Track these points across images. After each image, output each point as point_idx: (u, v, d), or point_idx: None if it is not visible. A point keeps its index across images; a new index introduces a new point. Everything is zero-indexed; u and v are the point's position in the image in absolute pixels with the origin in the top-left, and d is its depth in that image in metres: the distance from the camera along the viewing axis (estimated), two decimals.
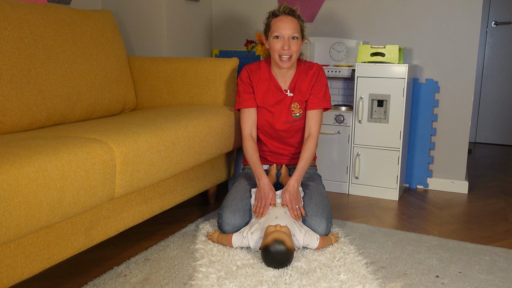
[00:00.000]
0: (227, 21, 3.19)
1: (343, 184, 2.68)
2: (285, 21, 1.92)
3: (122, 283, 1.53)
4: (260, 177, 1.91)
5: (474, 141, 4.59)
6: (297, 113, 2.06)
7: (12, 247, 1.26)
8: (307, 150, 2.00)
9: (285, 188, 1.89)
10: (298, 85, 2.06)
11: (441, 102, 2.73)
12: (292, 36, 1.93)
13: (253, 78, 2.07)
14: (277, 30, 1.93)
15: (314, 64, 2.09)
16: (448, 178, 2.77)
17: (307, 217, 1.85)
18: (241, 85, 2.08)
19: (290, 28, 1.92)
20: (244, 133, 2.05)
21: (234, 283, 1.50)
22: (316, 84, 2.05)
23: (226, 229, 1.85)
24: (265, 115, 2.08)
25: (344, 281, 1.53)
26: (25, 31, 1.86)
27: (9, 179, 1.13)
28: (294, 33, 1.93)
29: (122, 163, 1.51)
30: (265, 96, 2.06)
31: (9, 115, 1.76)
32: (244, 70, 2.10)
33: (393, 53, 2.50)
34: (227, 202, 1.90)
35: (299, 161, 1.98)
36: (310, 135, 2.04)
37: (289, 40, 1.93)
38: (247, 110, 2.06)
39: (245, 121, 2.06)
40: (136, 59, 2.51)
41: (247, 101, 2.06)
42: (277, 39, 1.93)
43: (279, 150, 2.12)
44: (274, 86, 2.06)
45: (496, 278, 1.62)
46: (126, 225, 1.69)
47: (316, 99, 2.05)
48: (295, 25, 1.94)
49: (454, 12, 2.63)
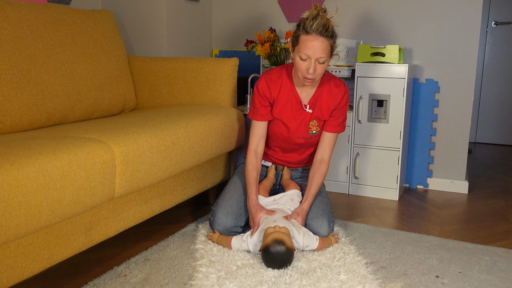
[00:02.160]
0: (227, 21, 3.19)
1: (343, 184, 2.68)
2: (315, 43, 1.73)
3: (122, 283, 1.53)
4: (249, 197, 1.87)
5: (474, 141, 4.59)
6: (314, 131, 1.98)
7: (12, 247, 1.25)
8: (320, 176, 1.92)
9: (299, 211, 1.81)
10: (319, 102, 1.94)
11: (441, 102, 2.73)
12: (320, 61, 1.76)
13: (272, 88, 1.94)
14: (304, 51, 1.75)
15: (341, 83, 1.96)
16: (448, 178, 2.77)
17: (308, 219, 1.84)
18: (257, 96, 1.94)
19: (320, 52, 1.74)
20: (250, 148, 1.97)
21: (234, 283, 1.50)
22: (340, 109, 1.95)
23: (217, 229, 1.85)
24: (280, 128, 1.98)
25: (344, 281, 1.53)
26: (25, 31, 1.87)
27: (9, 179, 1.13)
28: (323, 57, 1.75)
29: (122, 163, 1.51)
30: (283, 109, 1.95)
31: (9, 115, 1.76)
32: (263, 79, 1.95)
33: (393, 53, 2.50)
34: (222, 202, 1.90)
35: (311, 185, 1.89)
36: (323, 160, 1.96)
37: (316, 63, 1.76)
38: (258, 124, 1.96)
39: (254, 135, 1.96)
40: (136, 59, 2.51)
41: (262, 115, 1.95)
42: (303, 60, 1.77)
43: (286, 159, 2.09)
44: (295, 98, 1.94)
45: (496, 278, 1.62)
46: (126, 225, 1.69)
47: (335, 123, 1.96)
48: (326, 47, 1.75)
49: (454, 12, 2.63)
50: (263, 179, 2.09)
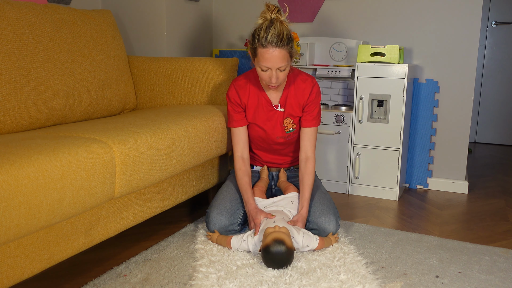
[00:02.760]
0: (227, 21, 3.19)
1: (343, 184, 2.68)
2: (273, 55, 1.74)
3: (122, 283, 1.53)
4: (246, 202, 1.88)
5: (474, 141, 4.59)
6: (290, 128, 2.00)
7: (12, 247, 1.25)
8: (310, 176, 1.92)
9: (298, 218, 1.81)
10: (289, 99, 1.96)
11: (441, 102, 2.73)
12: (280, 69, 1.78)
13: (242, 94, 1.97)
14: (264, 64, 1.76)
15: (308, 77, 1.97)
16: (448, 178, 2.77)
17: (315, 217, 1.85)
18: (229, 104, 1.99)
19: (279, 62, 1.75)
20: (235, 155, 2.00)
21: (234, 283, 1.50)
22: (311, 103, 1.96)
23: (212, 228, 1.86)
24: (257, 132, 2.02)
25: (344, 281, 1.53)
26: (25, 31, 1.86)
27: (9, 179, 1.13)
28: (282, 65, 1.77)
29: (122, 163, 1.51)
30: (255, 112, 1.98)
31: (9, 115, 1.76)
32: (231, 87, 1.99)
33: (393, 53, 2.50)
34: (216, 202, 1.92)
35: (303, 189, 1.89)
36: (308, 158, 1.96)
37: (277, 72, 1.79)
38: (237, 130, 1.99)
39: (236, 142, 2.00)
40: (136, 59, 2.51)
41: (237, 121, 1.98)
42: (264, 71, 1.80)
43: (273, 160, 2.11)
44: (265, 100, 1.97)
45: (496, 278, 1.62)
46: (126, 225, 1.69)
47: (310, 117, 1.97)
48: (284, 55, 1.76)
49: (454, 12, 2.63)
50: (257, 180, 2.09)
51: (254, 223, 1.79)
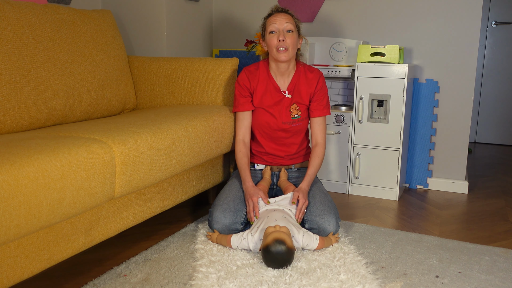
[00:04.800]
0: (227, 21, 3.19)
1: (343, 184, 2.68)
2: (278, 16, 1.96)
3: (122, 283, 1.53)
4: (244, 180, 1.96)
5: (474, 141, 4.59)
6: (295, 114, 2.06)
7: (12, 247, 1.25)
8: (317, 157, 2.04)
9: (298, 188, 1.91)
10: (298, 87, 2.06)
11: (441, 102, 2.73)
12: (287, 29, 1.95)
13: (252, 78, 2.07)
14: (271, 25, 1.96)
15: (315, 68, 2.10)
16: (448, 178, 2.77)
17: (315, 217, 1.85)
18: (238, 88, 2.08)
19: (284, 21, 1.95)
20: (237, 138, 2.08)
21: (234, 283, 1.50)
22: (319, 91, 2.07)
23: (216, 227, 1.86)
24: (263, 116, 2.07)
25: (344, 281, 1.53)
26: (25, 31, 1.86)
27: (9, 179, 1.13)
28: (289, 25, 1.95)
29: (122, 163, 1.51)
30: (263, 97, 2.06)
31: (9, 115, 1.76)
32: (242, 72, 2.10)
33: (393, 53, 2.50)
34: (219, 201, 1.92)
35: (309, 167, 2.01)
36: (317, 143, 2.07)
37: (284, 32, 1.94)
38: (242, 114, 2.08)
39: (239, 126, 2.08)
40: (136, 59, 2.51)
41: (242, 104, 2.06)
42: (272, 34, 1.96)
43: (275, 152, 2.12)
44: (273, 86, 2.06)
45: (496, 278, 1.62)
46: (126, 225, 1.69)
47: (320, 106, 2.07)
48: (289, 19, 1.96)
49: (454, 12, 2.63)
50: (259, 181, 2.09)
51: (251, 201, 1.85)
